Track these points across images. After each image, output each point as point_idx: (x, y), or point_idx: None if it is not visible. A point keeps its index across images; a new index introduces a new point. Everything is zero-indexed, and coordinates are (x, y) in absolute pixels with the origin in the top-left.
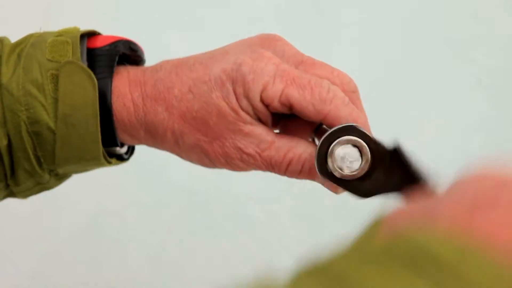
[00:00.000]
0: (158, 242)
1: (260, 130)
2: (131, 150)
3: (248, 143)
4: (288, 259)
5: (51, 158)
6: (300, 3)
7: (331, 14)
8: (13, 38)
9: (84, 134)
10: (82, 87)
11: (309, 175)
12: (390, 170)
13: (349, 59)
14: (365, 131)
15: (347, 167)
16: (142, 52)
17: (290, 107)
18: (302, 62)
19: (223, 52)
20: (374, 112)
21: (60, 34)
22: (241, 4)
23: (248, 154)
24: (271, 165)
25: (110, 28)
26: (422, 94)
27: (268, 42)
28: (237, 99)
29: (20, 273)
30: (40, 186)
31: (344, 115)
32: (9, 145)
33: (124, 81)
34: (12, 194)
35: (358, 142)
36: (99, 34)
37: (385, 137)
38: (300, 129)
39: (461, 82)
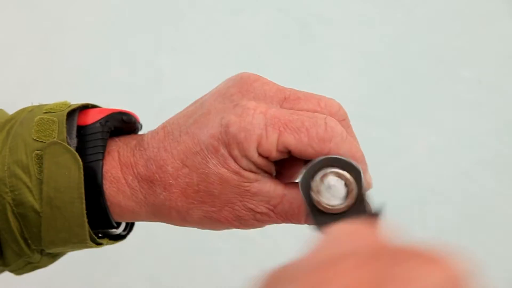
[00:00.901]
0: (158, 265)
1: (267, 186)
2: (130, 226)
3: (259, 202)
4: None
5: (38, 240)
6: (289, 27)
7: (320, 36)
8: (14, 71)
9: (70, 217)
10: (66, 168)
11: None
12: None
13: (340, 79)
14: (361, 174)
15: (329, 198)
16: (136, 121)
17: (289, 152)
18: (286, 99)
19: (204, 112)
20: (366, 131)
21: (48, 110)
22: (232, 29)
23: (261, 213)
24: (287, 219)
25: (104, 53)
26: (413, 112)
27: (245, 86)
28: (235, 161)
29: None
30: (32, 266)
31: (343, 151)
32: None
33: (115, 165)
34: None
35: (351, 179)
36: (92, 106)
37: (378, 157)
38: (295, 163)
39: (452, 101)
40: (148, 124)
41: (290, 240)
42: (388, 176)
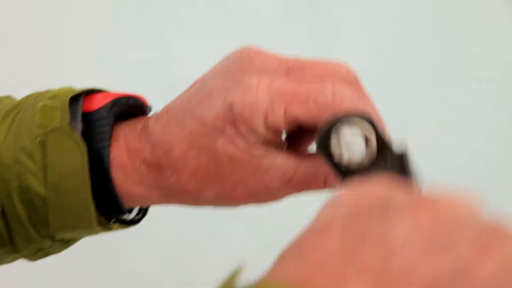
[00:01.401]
0: (167, 247)
1: (279, 160)
2: (144, 210)
3: (272, 177)
4: None
5: (46, 226)
6: (300, 3)
7: (330, 13)
8: (23, 52)
9: (75, 203)
10: (70, 154)
11: None
12: (387, 172)
13: (349, 56)
14: (377, 124)
15: (349, 154)
16: (143, 104)
17: (299, 124)
18: (290, 69)
19: (206, 94)
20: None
21: (52, 96)
22: (241, 6)
23: (277, 188)
24: (305, 188)
25: (114, 33)
26: (422, 90)
27: (247, 62)
28: (243, 138)
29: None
30: (43, 252)
31: None
32: (4, 214)
33: (122, 150)
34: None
35: (368, 131)
36: (98, 91)
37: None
38: (305, 135)
39: (461, 77)
40: (159, 103)
41: (301, 214)
42: None
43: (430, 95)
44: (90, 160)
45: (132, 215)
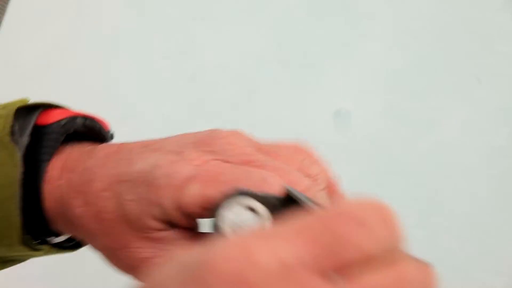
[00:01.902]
0: None
1: (170, 241)
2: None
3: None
4: None
5: None
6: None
7: (355, 8)
8: (49, 36)
9: (2, 218)
10: (3, 166)
11: None
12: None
13: (374, 52)
14: (251, 191)
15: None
16: (101, 127)
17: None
18: (248, 163)
19: (155, 148)
20: (399, 104)
21: (3, 107)
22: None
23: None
24: None
25: (139, 20)
26: (447, 86)
27: (207, 140)
28: (148, 204)
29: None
30: None
31: None
32: None
33: (58, 165)
34: None
35: (249, 201)
36: (57, 106)
37: (410, 131)
38: None
39: (487, 74)
40: (180, 91)
41: None
42: (420, 150)
43: (456, 93)
44: (28, 173)
45: (61, 239)
